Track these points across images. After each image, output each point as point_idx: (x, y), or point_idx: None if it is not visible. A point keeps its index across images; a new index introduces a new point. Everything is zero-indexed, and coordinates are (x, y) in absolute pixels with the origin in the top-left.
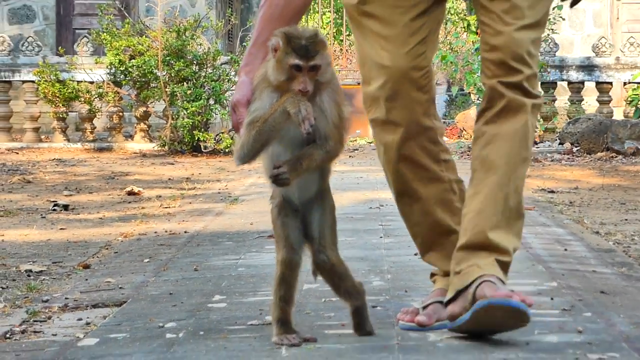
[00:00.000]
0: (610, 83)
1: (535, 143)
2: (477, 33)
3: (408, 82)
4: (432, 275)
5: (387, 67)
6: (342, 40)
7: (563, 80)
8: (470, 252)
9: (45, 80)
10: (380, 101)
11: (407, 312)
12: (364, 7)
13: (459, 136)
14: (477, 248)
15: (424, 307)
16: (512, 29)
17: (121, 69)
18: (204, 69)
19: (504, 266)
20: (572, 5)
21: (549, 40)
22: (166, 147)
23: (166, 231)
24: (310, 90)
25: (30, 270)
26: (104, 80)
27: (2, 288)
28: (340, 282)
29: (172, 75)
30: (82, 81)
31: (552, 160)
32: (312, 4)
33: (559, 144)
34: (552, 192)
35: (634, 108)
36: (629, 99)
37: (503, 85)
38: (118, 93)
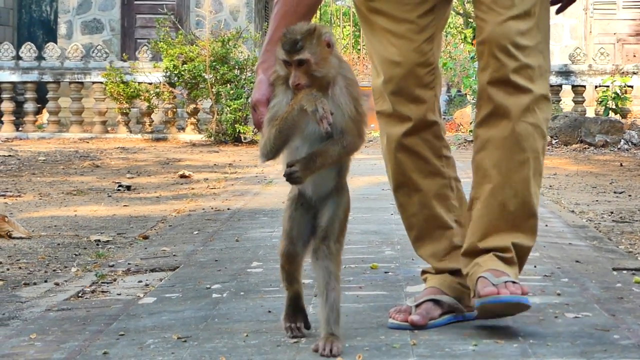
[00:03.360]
0: (584, 86)
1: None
2: (472, 44)
3: (414, 78)
4: (423, 272)
5: (394, 62)
6: (359, 50)
7: None
8: (470, 257)
9: (112, 82)
10: (385, 95)
11: (400, 310)
12: (372, 4)
13: (456, 130)
14: (474, 254)
15: (417, 306)
16: (498, 20)
17: (175, 72)
18: (244, 73)
19: (507, 260)
20: (558, 12)
21: None
22: (212, 138)
23: (212, 208)
24: (302, 83)
25: (99, 240)
26: (160, 82)
27: (75, 255)
28: (329, 278)
29: (218, 77)
30: (142, 82)
31: None
32: (334, 18)
33: None
34: None
35: (603, 107)
36: (600, 99)
37: (490, 85)
38: (172, 92)
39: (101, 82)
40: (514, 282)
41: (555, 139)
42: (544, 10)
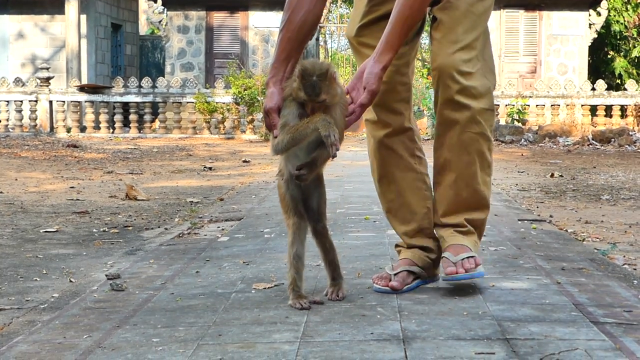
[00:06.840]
0: (498, 105)
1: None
2: (427, 78)
3: (394, 93)
4: (397, 246)
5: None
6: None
7: None
8: (437, 227)
9: (199, 101)
10: (371, 107)
11: (382, 277)
12: (360, 39)
13: None
14: (439, 226)
15: (395, 274)
16: (446, 53)
17: (239, 95)
18: None
19: (464, 232)
20: None
21: None
22: (263, 137)
23: (264, 181)
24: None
25: (192, 201)
26: (230, 102)
27: (177, 210)
28: (329, 247)
29: None
30: (218, 102)
31: None
32: (339, 61)
33: None
34: None
35: (510, 118)
36: (508, 113)
37: (441, 104)
38: (237, 108)
39: (193, 102)
40: (469, 257)
41: None
42: (484, 45)
